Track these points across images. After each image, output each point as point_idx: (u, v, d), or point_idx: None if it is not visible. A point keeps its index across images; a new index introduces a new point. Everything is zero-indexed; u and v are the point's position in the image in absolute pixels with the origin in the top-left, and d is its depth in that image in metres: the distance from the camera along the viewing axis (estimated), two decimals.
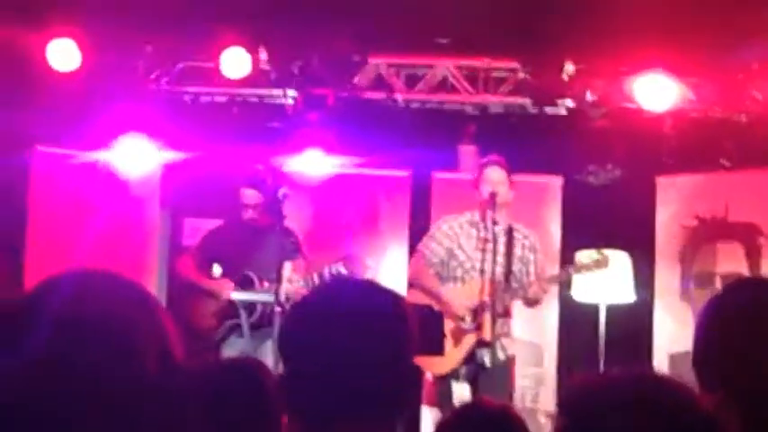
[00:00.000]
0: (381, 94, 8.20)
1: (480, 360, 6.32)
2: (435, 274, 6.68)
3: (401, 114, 8.25)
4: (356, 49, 8.10)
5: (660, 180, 8.02)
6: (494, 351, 6.31)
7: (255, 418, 2.48)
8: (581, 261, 6.59)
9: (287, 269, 6.92)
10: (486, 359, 6.28)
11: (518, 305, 6.70)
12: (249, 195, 7.12)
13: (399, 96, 8.20)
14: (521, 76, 8.14)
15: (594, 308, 7.74)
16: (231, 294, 6.94)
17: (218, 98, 8.26)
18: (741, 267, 7.59)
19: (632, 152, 7.85)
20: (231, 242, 7.16)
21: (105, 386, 1.33)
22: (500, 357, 6.49)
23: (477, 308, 6.39)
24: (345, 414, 1.92)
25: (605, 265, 6.59)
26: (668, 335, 7.74)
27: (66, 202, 8.08)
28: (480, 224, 6.62)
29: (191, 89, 8.22)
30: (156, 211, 8.39)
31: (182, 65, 8.14)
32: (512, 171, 6.68)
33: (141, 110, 7.94)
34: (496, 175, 6.60)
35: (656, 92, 7.60)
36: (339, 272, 6.51)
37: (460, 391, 6.26)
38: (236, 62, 7.80)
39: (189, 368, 1.45)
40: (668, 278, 7.94)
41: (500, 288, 6.43)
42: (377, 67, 8.22)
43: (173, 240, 8.58)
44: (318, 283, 6.50)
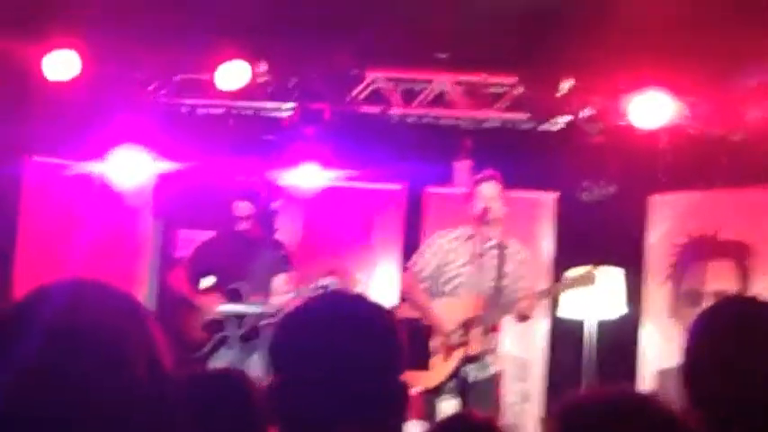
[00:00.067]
0: (378, 108, 8.22)
1: (466, 375, 6.34)
2: (426, 288, 6.69)
3: (397, 129, 8.26)
4: (354, 63, 8.11)
5: (653, 199, 8.03)
6: (480, 366, 6.32)
7: (241, 427, 2.48)
8: (569, 277, 6.60)
9: (278, 282, 6.92)
10: (473, 374, 6.30)
11: (508, 320, 6.70)
12: (242, 207, 7.10)
13: (396, 111, 8.21)
14: (518, 91, 8.16)
15: (581, 323, 7.75)
16: (219, 308, 6.94)
17: (214, 110, 8.27)
18: (731, 286, 7.57)
19: (627, 169, 7.84)
20: (223, 254, 7.16)
21: (96, 395, 1.33)
22: (487, 373, 6.49)
23: (467, 323, 6.40)
24: (334, 423, 1.93)
25: (592, 282, 6.57)
26: (656, 351, 7.74)
27: (59, 212, 8.05)
28: (473, 239, 6.62)
29: (188, 101, 8.24)
30: (149, 221, 8.38)
31: (180, 77, 8.16)
32: (506, 187, 6.68)
33: (138, 121, 7.95)
34: (490, 190, 6.60)
35: (652, 109, 7.61)
36: (329, 285, 6.52)
37: (447, 406, 6.27)
38: (232, 74, 7.82)
39: (176, 377, 1.45)
40: (657, 295, 7.93)
41: (490, 303, 6.44)
42: (374, 81, 8.24)
43: (165, 251, 8.58)
44: (309, 295, 6.49)
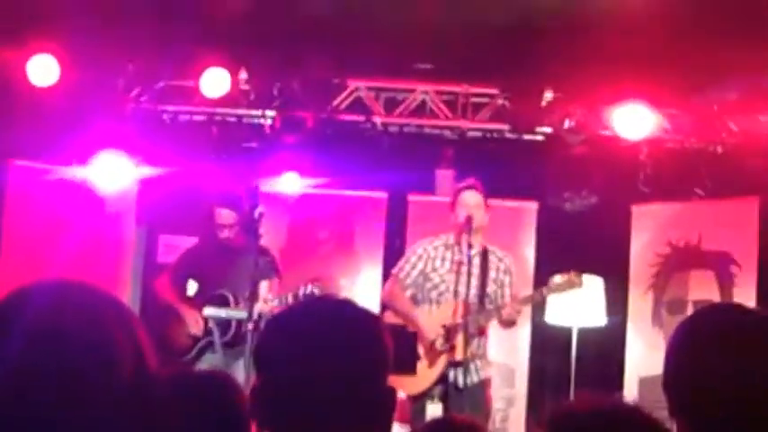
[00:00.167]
0: (360, 117, 8.23)
1: (453, 380, 6.33)
2: (411, 296, 6.70)
3: (379, 138, 8.27)
4: (336, 72, 8.12)
5: (635, 208, 8.08)
6: (466, 372, 6.31)
7: (224, 428, 2.47)
8: (555, 282, 6.58)
9: (262, 288, 6.91)
10: (459, 380, 6.29)
11: (493, 326, 6.71)
12: (224, 215, 7.06)
13: (378, 119, 8.22)
14: (500, 102, 8.19)
15: (567, 331, 7.77)
16: (204, 312, 6.92)
17: (196, 117, 8.27)
18: (713, 295, 7.63)
19: (608, 180, 7.88)
20: (207, 262, 7.14)
21: (80, 395, 1.32)
22: (474, 378, 6.50)
23: (452, 329, 6.40)
24: (318, 427, 1.92)
25: (579, 285, 6.54)
26: (639, 359, 7.78)
27: (42, 217, 8.03)
28: (455, 247, 6.63)
29: (170, 108, 8.23)
30: (132, 227, 8.37)
31: (162, 83, 8.15)
32: (488, 195, 6.70)
33: (120, 127, 7.94)
34: (473, 198, 6.61)
35: (633, 121, 7.66)
36: (313, 292, 6.52)
37: (434, 411, 6.26)
38: (215, 82, 7.82)
39: (161, 378, 1.45)
40: (641, 304, 7.98)
41: (474, 309, 6.44)
42: (356, 90, 8.25)
43: (148, 257, 8.58)
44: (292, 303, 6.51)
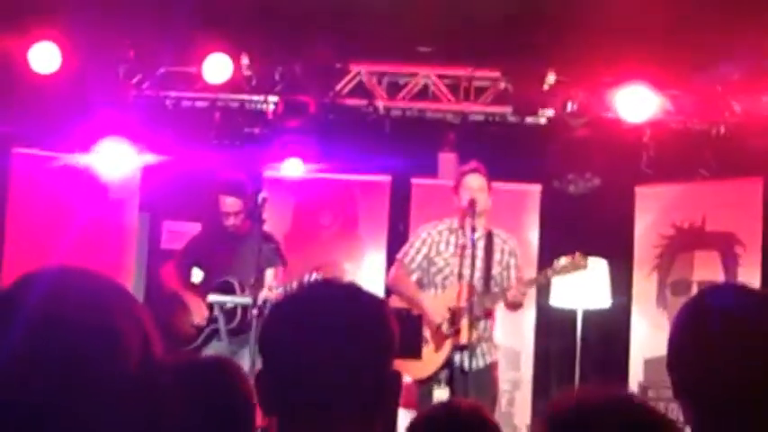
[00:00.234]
0: (363, 101, 8.22)
1: (459, 364, 6.33)
2: (416, 281, 6.70)
3: (382, 122, 8.27)
4: (338, 56, 8.11)
5: (639, 190, 8.07)
6: (472, 355, 6.31)
7: (229, 414, 2.47)
8: (559, 264, 6.55)
9: (268, 276, 6.90)
10: (465, 363, 6.28)
11: (499, 309, 6.70)
12: (229, 203, 7.00)
13: (380, 104, 8.21)
14: (502, 85, 8.18)
15: (571, 313, 7.77)
16: (209, 298, 6.91)
17: (199, 103, 8.26)
18: (717, 276, 7.63)
19: (611, 162, 7.86)
20: (213, 250, 7.11)
21: (83, 383, 1.32)
22: (481, 362, 6.49)
23: (457, 312, 6.39)
24: (324, 412, 1.92)
25: (584, 267, 6.51)
26: (644, 340, 7.78)
27: (45, 204, 8.05)
28: (459, 231, 6.62)
29: (172, 94, 8.22)
30: (135, 213, 8.37)
31: (164, 70, 8.14)
32: (491, 179, 6.69)
33: (122, 114, 7.93)
34: (476, 182, 6.59)
35: (636, 103, 7.64)
36: (318, 280, 6.51)
37: (441, 395, 6.26)
38: (217, 67, 7.81)
39: (165, 365, 1.45)
40: (645, 285, 7.98)
41: (479, 292, 6.44)
42: (359, 74, 8.24)
43: (151, 243, 8.59)
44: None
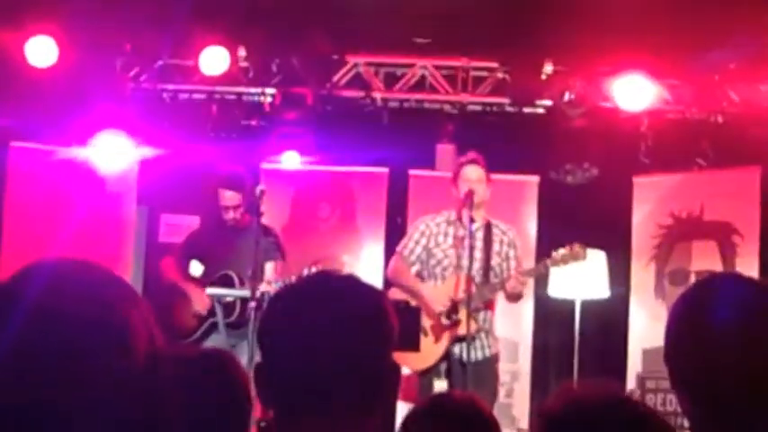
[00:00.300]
0: (360, 92, 8.21)
1: (461, 356, 6.32)
2: (418, 272, 6.69)
3: (379, 113, 8.27)
4: (335, 47, 8.10)
5: (637, 180, 8.07)
6: (471, 347, 6.30)
7: (225, 407, 2.47)
8: (559, 254, 6.52)
9: (268, 270, 6.90)
10: (464, 355, 6.28)
11: (499, 301, 6.70)
12: (228, 197, 7.00)
13: (378, 95, 8.21)
14: (499, 75, 8.18)
15: (570, 304, 7.77)
16: (207, 291, 6.91)
17: (196, 96, 8.26)
18: (715, 265, 7.63)
19: (609, 152, 7.87)
20: (213, 244, 7.10)
21: (80, 377, 1.31)
22: (479, 355, 6.49)
23: (457, 304, 6.39)
24: (322, 404, 1.92)
25: (583, 257, 6.49)
26: (642, 331, 7.78)
27: (43, 197, 8.05)
28: (457, 222, 6.61)
29: (169, 87, 8.22)
30: (133, 206, 8.36)
31: (161, 62, 8.14)
32: (489, 170, 6.69)
33: (119, 107, 7.93)
34: (475, 173, 6.58)
35: (633, 92, 7.64)
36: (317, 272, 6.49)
37: (441, 388, 6.25)
38: (214, 60, 7.81)
39: (163, 357, 1.45)
40: (643, 275, 7.99)
41: (478, 284, 6.44)
42: (356, 66, 8.23)
43: (149, 236, 8.60)
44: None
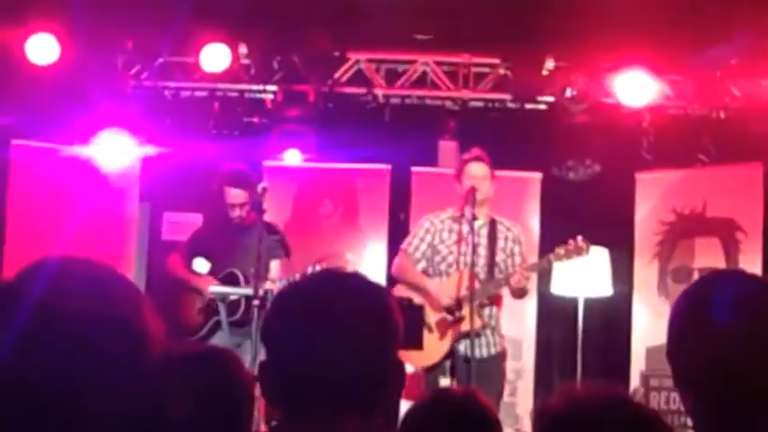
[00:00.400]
0: (361, 89, 8.21)
1: (467, 353, 6.29)
2: (423, 269, 6.68)
3: (381, 110, 8.27)
4: (336, 44, 8.10)
5: (639, 176, 8.06)
6: (475, 343, 6.28)
7: (229, 402, 2.47)
8: (562, 249, 6.50)
9: (273, 269, 6.89)
10: (468, 352, 6.26)
11: (505, 299, 6.68)
12: (235, 195, 6.98)
13: (379, 92, 8.21)
14: (501, 72, 8.17)
15: (573, 302, 7.76)
16: (211, 289, 6.90)
17: (198, 93, 8.26)
18: (719, 262, 7.61)
19: (611, 148, 7.86)
20: (218, 242, 7.08)
21: (84, 373, 1.32)
22: (485, 352, 6.47)
23: (462, 300, 6.36)
24: (327, 402, 1.92)
25: (586, 252, 6.46)
26: (646, 328, 7.77)
27: (46, 195, 8.04)
28: (461, 219, 6.60)
29: (171, 84, 8.22)
30: (136, 204, 8.36)
31: (162, 60, 8.13)
32: (494, 166, 6.68)
33: (121, 105, 7.93)
34: (479, 170, 6.56)
35: (635, 88, 7.64)
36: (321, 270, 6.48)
37: (446, 384, 6.24)
38: (215, 57, 7.81)
39: (165, 354, 1.45)
40: (646, 272, 7.97)
41: (483, 280, 6.43)
42: (357, 62, 8.23)
43: (152, 234, 8.60)
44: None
